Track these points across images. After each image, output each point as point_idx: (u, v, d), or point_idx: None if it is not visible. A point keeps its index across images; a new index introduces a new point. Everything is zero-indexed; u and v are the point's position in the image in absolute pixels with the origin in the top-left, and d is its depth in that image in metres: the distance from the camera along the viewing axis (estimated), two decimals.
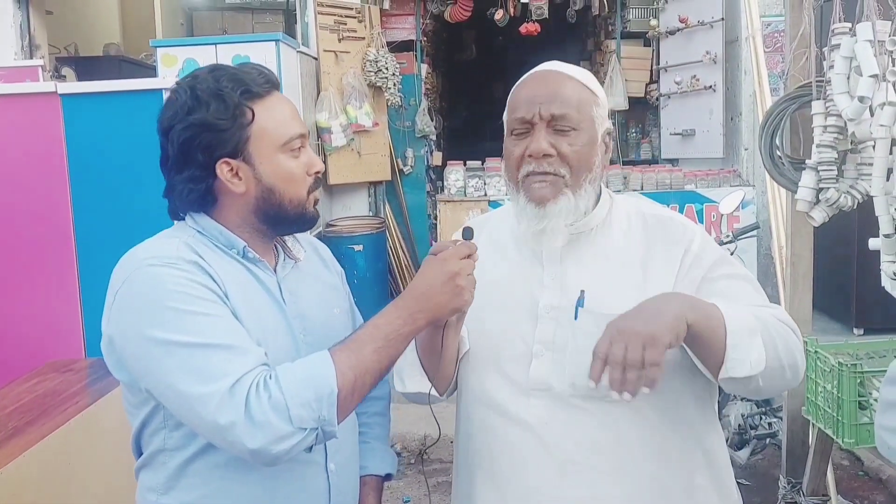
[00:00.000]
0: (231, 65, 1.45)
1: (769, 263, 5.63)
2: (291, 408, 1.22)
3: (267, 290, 1.43)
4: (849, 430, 2.57)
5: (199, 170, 1.37)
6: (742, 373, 1.29)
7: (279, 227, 1.46)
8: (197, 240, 1.40)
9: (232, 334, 1.28)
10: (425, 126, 6.90)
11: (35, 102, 3.57)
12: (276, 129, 1.39)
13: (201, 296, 1.30)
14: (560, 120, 1.39)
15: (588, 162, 1.41)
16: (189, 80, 1.41)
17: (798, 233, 3.21)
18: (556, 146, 1.39)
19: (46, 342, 3.60)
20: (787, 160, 3.02)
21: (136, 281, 1.31)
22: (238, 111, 1.36)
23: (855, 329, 5.09)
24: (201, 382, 1.23)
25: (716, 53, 6.06)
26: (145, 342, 1.27)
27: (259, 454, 1.23)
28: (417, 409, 1.65)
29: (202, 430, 1.27)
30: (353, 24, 6.30)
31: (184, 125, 1.36)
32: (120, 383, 1.43)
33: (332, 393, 1.25)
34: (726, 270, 1.43)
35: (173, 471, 1.40)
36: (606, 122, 1.46)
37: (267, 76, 1.42)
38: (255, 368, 1.26)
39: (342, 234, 6.02)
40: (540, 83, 1.44)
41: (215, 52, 5.26)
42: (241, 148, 1.37)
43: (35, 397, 2.76)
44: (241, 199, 1.40)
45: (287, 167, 1.40)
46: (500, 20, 6.99)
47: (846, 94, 2.60)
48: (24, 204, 3.64)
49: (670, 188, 5.50)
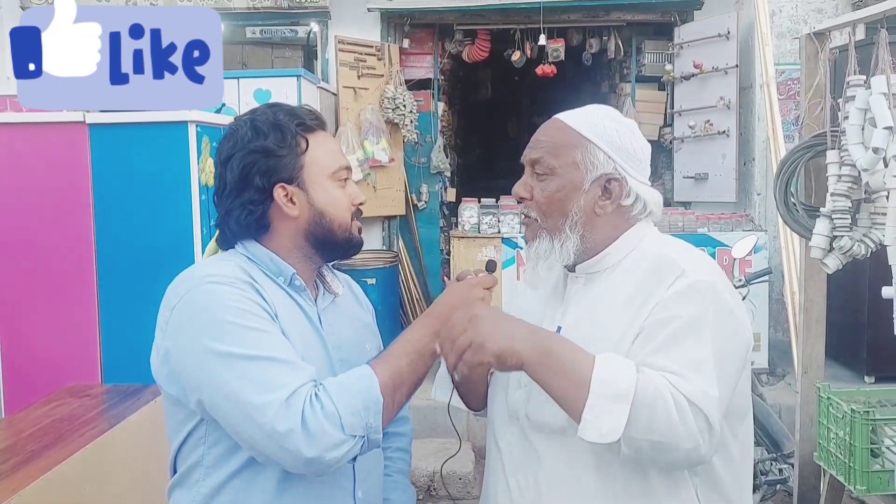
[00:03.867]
0: (286, 104, 1.57)
1: (780, 309, 5.63)
2: (343, 416, 1.31)
3: (309, 319, 1.51)
4: (861, 477, 2.57)
5: (257, 194, 1.47)
6: (591, 437, 1.23)
7: (327, 251, 1.54)
8: (249, 265, 1.49)
9: (286, 350, 1.36)
10: (440, 163, 6.98)
11: (63, 131, 3.63)
12: (326, 159, 1.51)
13: (257, 313, 1.38)
14: (537, 164, 1.47)
15: (562, 207, 1.44)
16: (248, 114, 1.53)
17: (811, 279, 3.23)
18: (533, 190, 1.47)
19: (64, 367, 3.62)
20: (801, 207, 3.06)
21: (195, 297, 1.38)
22: (294, 140, 1.48)
23: (866, 377, 5.07)
24: (261, 392, 1.30)
25: (730, 99, 6.12)
26: (205, 354, 1.34)
27: (313, 462, 1.30)
28: (426, 444, 1.72)
29: (255, 439, 1.31)
30: (373, 62, 6.41)
31: (244, 152, 1.47)
32: (155, 402, 1.48)
33: (378, 401, 1.35)
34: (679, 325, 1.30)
35: (207, 491, 1.44)
36: (606, 166, 1.44)
37: (317, 115, 1.55)
38: (308, 382, 1.33)
39: (356, 267, 6.05)
40: (538, 131, 1.52)
41: (238, 86, 5.35)
42: (296, 174, 1.48)
43: (52, 422, 2.78)
44: (293, 223, 1.50)
45: (336, 195, 1.51)
46: (517, 61, 7.08)
47: (860, 145, 2.65)
48: (47, 230, 3.68)
49: (683, 231, 5.52)
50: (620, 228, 1.48)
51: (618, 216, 1.47)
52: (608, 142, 1.45)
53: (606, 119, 1.48)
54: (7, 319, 3.72)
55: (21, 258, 3.69)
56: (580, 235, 1.44)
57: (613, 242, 1.47)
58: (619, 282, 1.43)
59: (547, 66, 7.03)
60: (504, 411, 1.51)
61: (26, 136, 3.66)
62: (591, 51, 7.18)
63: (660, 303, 1.34)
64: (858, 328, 5.05)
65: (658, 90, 7.03)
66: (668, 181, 7.06)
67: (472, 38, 7.14)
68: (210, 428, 1.41)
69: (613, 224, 1.47)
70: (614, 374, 1.24)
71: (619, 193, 1.45)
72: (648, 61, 6.98)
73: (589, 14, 6.79)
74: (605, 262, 1.47)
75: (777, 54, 5.65)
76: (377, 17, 6.61)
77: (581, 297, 1.48)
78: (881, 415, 2.63)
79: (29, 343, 3.69)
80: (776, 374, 5.37)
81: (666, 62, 6.77)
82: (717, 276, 1.41)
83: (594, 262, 1.47)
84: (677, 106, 6.69)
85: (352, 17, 6.55)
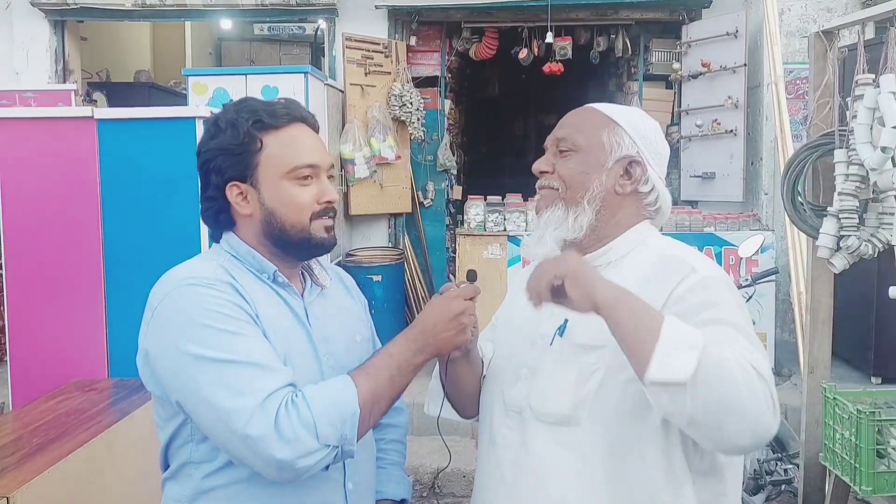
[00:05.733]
0: (260, 98, 1.56)
1: (787, 309, 5.62)
2: (319, 426, 1.31)
3: (294, 314, 1.51)
4: (866, 478, 2.57)
5: (214, 190, 1.49)
6: (660, 376, 1.18)
7: (289, 250, 1.52)
8: (232, 263, 1.48)
9: (263, 353, 1.36)
10: (447, 160, 6.98)
11: (72, 126, 3.65)
12: (283, 157, 1.48)
13: (235, 316, 1.37)
14: (561, 142, 1.51)
15: (584, 181, 1.47)
16: (219, 111, 1.54)
17: (818, 279, 3.23)
18: (556, 165, 1.51)
19: (71, 361, 3.64)
20: (808, 207, 3.05)
21: (174, 299, 1.38)
22: (248, 138, 1.47)
23: (873, 378, 5.05)
24: (234, 396, 1.30)
25: (738, 98, 6.10)
26: (181, 357, 1.34)
27: (285, 466, 1.29)
28: (430, 441, 1.72)
29: (230, 444, 1.32)
30: (380, 59, 6.42)
31: (205, 149, 1.49)
32: (151, 398, 1.49)
33: (354, 414, 1.35)
34: (711, 314, 1.31)
35: (198, 483, 1.45)
36: (631, 149, 1.49)
37: (290, 109, 1.52)
38: (284, 387, 1.33)
39: (361, 263, 6.07)
40: (567, 115, 1.56)
41: (245, 83, 5.37)
42: (249, 173, 1.47)
43: (59, 415, 2.80)
44: (249, 220, 1.50)
45: (289, 193, 1.48)
46: (524, 59, 7.08)
47: (869, 144, 2.64)
48: (55, 225, 3.70)
49: (689, 230, 5.50)
50: (631, 219, 1.51)
51: (633, 202, 1.50)
52: (635, 129, 1.51)
53: (635, 112, 1.55)
54: (15, 313, 3.74)
55: (29, 252, 3.70)
56: (596, 211, 1.47)
57: (620, 235, 1.49)
58: (624, 276, 1.43)
59: (554, 64, 7.02)
60: (501, 408, 1.51)
61: (35, 132, 3.68)
62: (599, 49, 7.17)
63: (673, 296, 1.36)
64: (865, 328, 5.04)
65: (665, 89, 7.02)
66: (674, 180, 7.05)
67: (479, 36, 7.15)
68: (195, 427, 1.41)
69: (627, 210, 1.50)
70: (684, 327, 1.22)
71: (639, 177, 1.49)
72: (656, 60, 6.97)
73: (597, 12, 6.78)
74: (609, 256, 1.49)
75: (785, 53, 5.63)
76: (384, 15, 6.61)
77: None
78: (887, 416, 2.63)
79: (36, 337, 3.71)
80: (782, 374, 5.36)
81: (674, 61, 6.76)
82: (725, 274, 1.46)
83: (597, 255, 1.49)
84: (685, 105, 6.67)
85: (359, 15, 6.55)
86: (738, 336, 1.27)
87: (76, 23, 6.99)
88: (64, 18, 6.78)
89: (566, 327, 1.45)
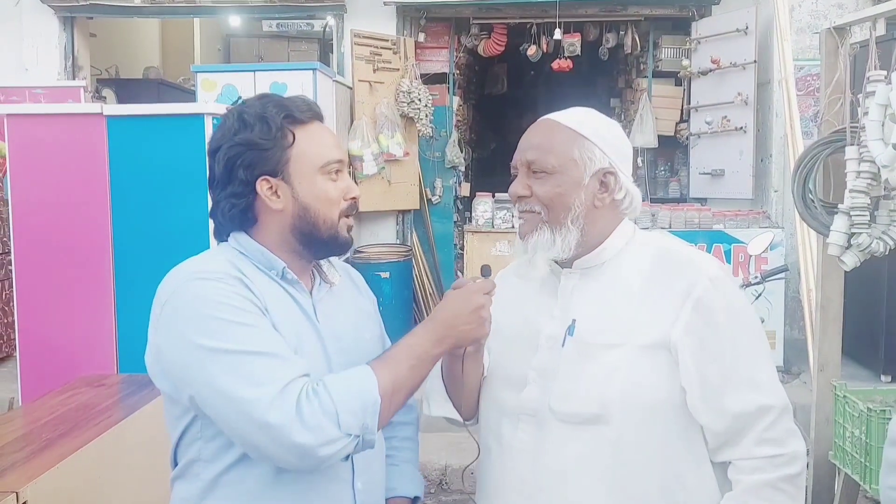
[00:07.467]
0: (278, 94, 1.54)
1: (797, 306, 5.59)
2: (341, 414, 1.30)
3: (303, 311, 1.50)
4: (876, 477, 2.55)
5: (241, 186, 1.46)
6: None
7: (313, 247, 1.52)
8: (240, 259, 1.47)
9: (277, 344, 1.35)
10: (455, 157, 6.97)
11: (82, 122, 3.66)
12: (315, 152, 1.48)
13: (245, 308, 1.37)
14: (533, 164, 1.50)
15: (564, 201, 1.48)
16: (239, 105, 1.52)
17: (828, 277, 3.21)
18: (532, 188, 1.50)
19: (80, 357, 3.65)
20: (819, 204, 3.03)
21: (184, 293, 1.38)
22: (280, 133, 1.45)
23: (883, 376, 5.03)
24: (252, 386, 1.29)
25: (747, 95, 6.07)
26: (194, 350, 1.33)
27: (307, 453, 1.28)
28: (438, 438, 1.71)
29: (247, 434, 1.30)
30: (388, 56, 6.42)
31: (230, 144, 1.46)
32: (161, 395, 1.48)
33: (375, 403, 1.34)
34: (735, 336, 1.43)
35: (207, 482, 1.44)
36: (602, 161, 1.49)
37: (310, 106, 1.52)
38: (301, 376, 1.33)
39: (370, 260, 6.07)
40: (528, 133, 1.55)
41: (254, 79, 5.38)
42: (281, 167, 1.46)
43: (68, 410, 2.80)
44: (278, 216, 1.48)
45: (323, 188, 1.48)
46: (533, 55, 7.06)
47: (880, 141, 2.62)
48: (65, 221, 3.72)
49: (698, 227, 5.49)
50: (613, 223, 1.53)
51: (610, 209, 1.52)
52: (601, 138, 1.51)
53: (595, 118, 1.54)
54: (24, 309, 3.76)
55: (39, 248, 3.72)
56: (580, 228, 1.49)
57: (608, 237, 1.52)
58: (625, 274, 1.48)
59: (563, 60, 7.00)
60: (509, 412, 1.52)
61: (45, 128, 3.69)
62: (608, 45, 7.14)
63: (691, 298, 1.41)
64: (875, 326, 5.01)
65: (675, 85, 7.00)
66: (684, 177, 7.02)
67: (487, 33, 7.13)
68: (205, 424, 1.41)
69: (607, 218, 1.52)
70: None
71: (613, 187, 1.51)
72: (665, 56, 6.94)
73: (606, 8, 6.77)
74: (602, 256, 1.51)
75: (796, 50, 5.60)
76: (393, 11, 6.61)
77: (583, 291, 1.51)
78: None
79: (45, 332, 3.73)
80: (792, 372, 5.34)
81: (683, 57, 6.73)
82: (722, 266, 1.52)
83: (591, 257, 1.51)
84: (694, 101, 6.65)
85: (368, 11, 6.55)
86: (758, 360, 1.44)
87: (86, 19, 7.01)
88: (73, 15, 6.80)
89: (575, 327, 1.47)
